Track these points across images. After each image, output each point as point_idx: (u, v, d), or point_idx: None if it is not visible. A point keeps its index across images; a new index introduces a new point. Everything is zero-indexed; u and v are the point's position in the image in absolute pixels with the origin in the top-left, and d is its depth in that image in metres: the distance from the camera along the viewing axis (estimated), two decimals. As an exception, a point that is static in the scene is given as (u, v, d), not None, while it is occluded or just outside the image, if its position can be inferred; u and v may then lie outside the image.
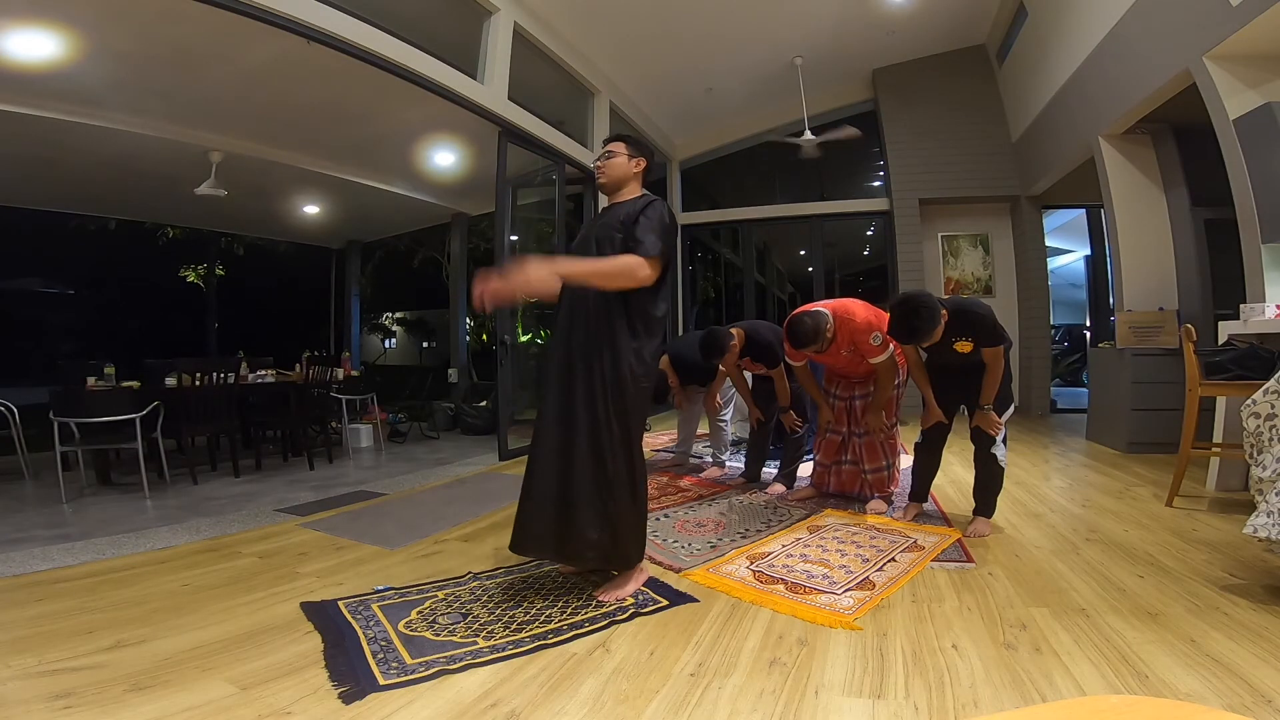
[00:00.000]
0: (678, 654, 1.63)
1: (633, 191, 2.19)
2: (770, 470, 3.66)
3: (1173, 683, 1.43)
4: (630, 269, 1.93)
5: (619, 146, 2.20)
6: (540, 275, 1.86)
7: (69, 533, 2.85)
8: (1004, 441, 2.63)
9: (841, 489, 3.23)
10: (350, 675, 1.51)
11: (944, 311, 2.48)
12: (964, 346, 2.54)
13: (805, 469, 3.52)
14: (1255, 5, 3.03)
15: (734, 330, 3.36)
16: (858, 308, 2.85)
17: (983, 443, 2.64)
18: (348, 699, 1.41)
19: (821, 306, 2.89)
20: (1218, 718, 0.46)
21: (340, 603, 1.97)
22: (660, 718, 1.35)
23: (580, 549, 1.96)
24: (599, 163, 2.20)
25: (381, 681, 1.48)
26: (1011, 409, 2.65)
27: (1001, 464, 2.62)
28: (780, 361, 3.28)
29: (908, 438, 3.46)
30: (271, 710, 1.37)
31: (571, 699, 1.42)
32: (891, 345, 2.81)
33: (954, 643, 1.66)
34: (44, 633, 1.78)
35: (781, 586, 2.07)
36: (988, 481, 2.66)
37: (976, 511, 2.70)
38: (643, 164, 2.19)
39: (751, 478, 3.65)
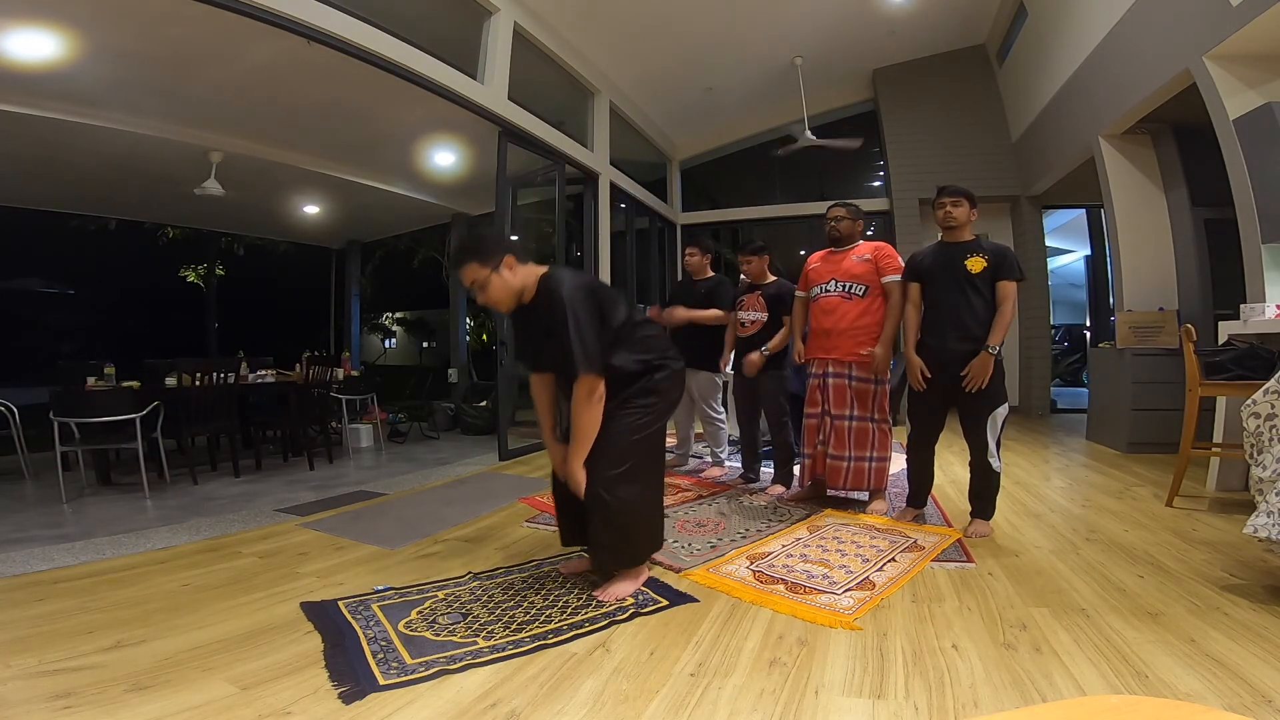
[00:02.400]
0: (678, 654, 1.63)
1: (531, 283, 2.00)
2: (769, 470, 3.66)
3: (1173, 683, 1.43)
4: (593, 409, 1.94)
5: (474, 270, 1.93)
6: (581, 474, 1.99)
7: (69, 533, 2.85)
8: (998, 447, 2.62)
9: (832, 483, 3.16)
10: (350, 675, 1.51)
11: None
12: (975, 264, 2.58)
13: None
14: (1255, 5, 3.03)
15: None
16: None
17: (977, 449, 2.63)
18: (348, 699, 1.41)
19: None
20: (1218, 718, 0.46)
21: (340, 603, 1.97)
22: (660, 718, 1.35)
23: (593, 550, 2.12)
24: (480, 299, 1.99)
25: (381, 681, 1.48)
26: (1005, 408, 2.61)
27: (996, 470, 2.62)
28: (788, 312, 3.39)
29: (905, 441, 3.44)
30: (271, 710, 1.37)
31: (571, 699, 1.42)
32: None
33: (954, 643, 1.66)
34: (44, 633, 1.78)
35: (781, 586, 2.07)
36: (983, 488, 2.65)
37: (973, 515, 2.70)
38: (510, 259, 1.96)
39: (750, 478, 3.66)
